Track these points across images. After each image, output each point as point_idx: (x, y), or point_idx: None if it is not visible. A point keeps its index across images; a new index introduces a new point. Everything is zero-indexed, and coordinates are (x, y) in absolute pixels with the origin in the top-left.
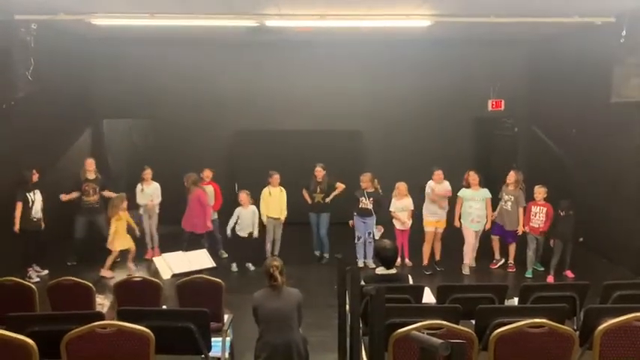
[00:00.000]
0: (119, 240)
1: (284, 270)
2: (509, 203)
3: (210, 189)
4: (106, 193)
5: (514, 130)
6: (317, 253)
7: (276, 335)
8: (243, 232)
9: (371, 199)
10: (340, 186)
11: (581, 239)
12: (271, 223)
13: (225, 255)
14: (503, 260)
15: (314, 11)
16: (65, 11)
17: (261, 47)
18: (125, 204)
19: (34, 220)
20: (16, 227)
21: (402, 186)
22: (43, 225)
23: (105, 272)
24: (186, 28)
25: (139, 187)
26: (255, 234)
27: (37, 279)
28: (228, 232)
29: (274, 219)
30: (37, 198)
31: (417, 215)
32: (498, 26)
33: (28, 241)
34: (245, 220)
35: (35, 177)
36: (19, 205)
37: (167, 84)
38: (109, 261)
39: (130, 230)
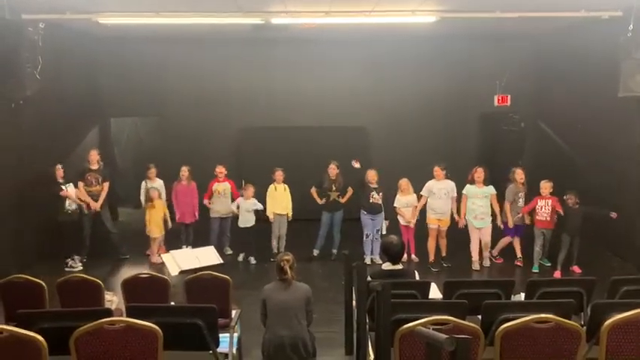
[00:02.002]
0: (155, 227)
1: (294, 265)
2: (524, 200)
3: (227, 186)
4: (104, 186)
5: (520, 126)
6: (315, 252)
7: (283, 328)
8: (242, 224)
9: (380, 194)
10: (351, 190)
11: (613, 215)
12: (277, 220)
13: (230, 252)
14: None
15: (319, 8)
16: (72, 10)
17: (266, 45)
18: (156, 194)
19: (68, 212)
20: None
21: (404, 182)
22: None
23: (154, 258)
24: (192, 26)
25: (143, 184)
26: (251, 223)
27: (80, 267)
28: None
29: (280, 215)
30: (69, 192)
31: (422, 212)
32: (504, 21)
33: (65, 232)
34: (245, 211)
35: (59, 172)
36: (61, 193)
37: (174, 82)
38: (154, 247)
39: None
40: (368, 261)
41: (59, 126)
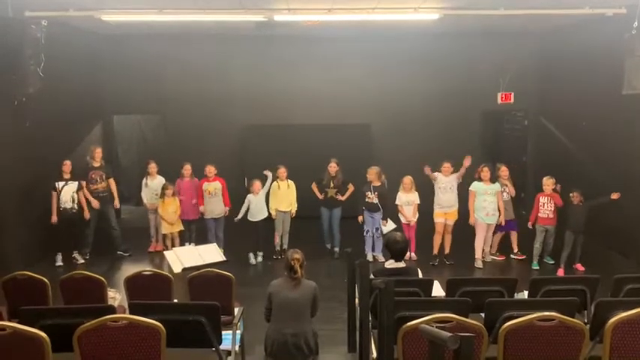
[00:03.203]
0: (164, 224)
1: (304, 263)
2: (508, 194)
3: (218, 185)
4: (111, 183)
5: (524, 123)
6: (328, 246)
7: (288, 325)
8: (255, 217)
9: (376, 193)
10: (351, 187)
11: (615, 196)
12: (280, 217)
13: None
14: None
15: (322, 5)
16: (75, 7)
17: (269, 42)
18: (170, 191)
19: (60, 209)
20: (53, 217)
21: (407, 180)
22: (85, 214)
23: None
24: (195, 23)
25: (144, 181)
26: (266, 214)
27: (82, 260)
28: (239, 217)
29: (283, 212)
30: (65, 189)
31: (423, 210)
32: (508, 18)
33: (56, 229)
34: (257, 205)
35: (66, 167)
36: (52, 195)
37: (177, 79)
38: (168, 242)
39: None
40: (369, 258)
41: (62, 123)
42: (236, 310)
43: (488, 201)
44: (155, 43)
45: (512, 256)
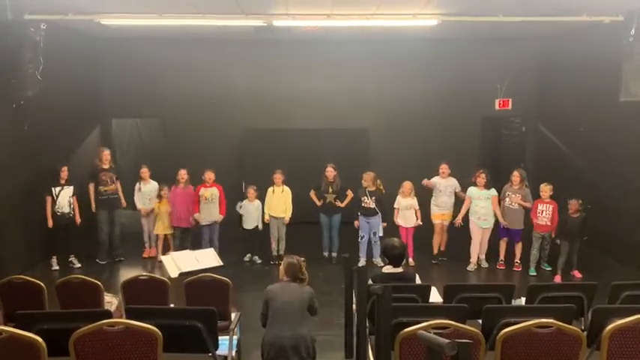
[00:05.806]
0: (160, 225)
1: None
2: (510, 200)
3: (215, 191)
4: (118, 185)
5: (522, 130)
6: (326, 254)
7: (285, 330)
8: (248, 225)
9: (373, 198)
10: (350, 194)
11: (585, 238)
12: (274, 222)
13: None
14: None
15: (321, 10)
16: (74, 11)
17: (269, 46)
18: (164, 192)
19: (58, 214)
20: (49, 222)
21: (407, 185)
22: (77, 219)
23: (160, 257)
24: (194, 27)
25: (137, 186)
26: (260, 227)
27: (79, 265)
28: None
29: (277, 218)
30: (62, 194)
31: (422, 213)
32: (506, 25)
33: (52, 233)
34: (250, 213)
35: (64, 174)
36: (46, 200)
37: (176, 83)
38: (159, 246)
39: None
40: (362, 263)
41: (61, 127)
42: (233, 315)
43: (480, 206)
44: (154, 47)
45: (514, 268)
